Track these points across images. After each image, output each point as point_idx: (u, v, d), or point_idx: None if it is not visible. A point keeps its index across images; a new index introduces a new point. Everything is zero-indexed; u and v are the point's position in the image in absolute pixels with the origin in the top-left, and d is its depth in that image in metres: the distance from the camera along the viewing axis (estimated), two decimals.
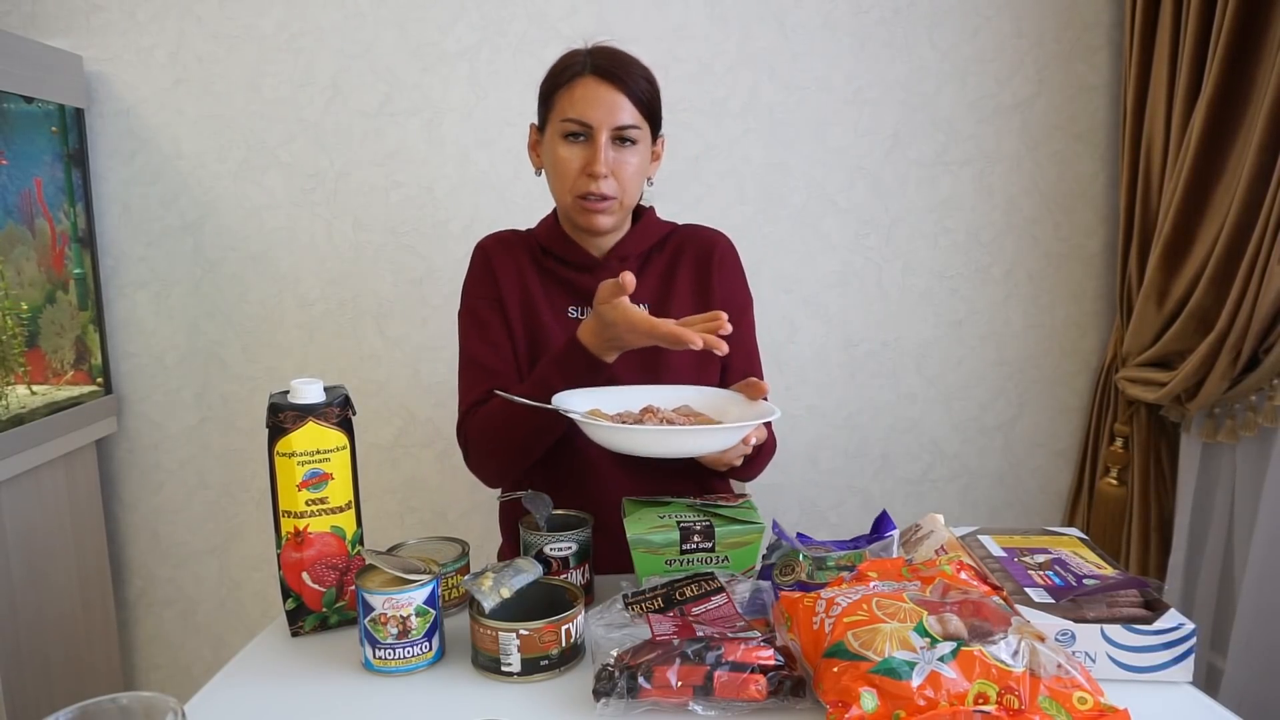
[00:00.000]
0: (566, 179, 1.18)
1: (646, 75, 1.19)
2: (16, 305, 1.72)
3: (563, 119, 1.16)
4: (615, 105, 1.14)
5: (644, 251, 1.28)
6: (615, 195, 1.17)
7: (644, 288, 1.26)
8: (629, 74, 1.16)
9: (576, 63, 1.17)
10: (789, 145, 1.92)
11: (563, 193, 1.19)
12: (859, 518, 2.04)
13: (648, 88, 1.18)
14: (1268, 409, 1.61)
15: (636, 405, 1.09)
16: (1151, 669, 0.83)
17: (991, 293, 1.98)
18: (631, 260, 1.27)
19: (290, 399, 0.95)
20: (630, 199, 1.20)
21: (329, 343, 1.97)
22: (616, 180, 1.17)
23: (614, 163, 1.16)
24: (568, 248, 1.26)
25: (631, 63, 1.18)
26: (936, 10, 1.88)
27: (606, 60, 1.16)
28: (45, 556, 1.74)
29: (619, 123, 1.15)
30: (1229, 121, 1.61)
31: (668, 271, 1.28)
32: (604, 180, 1.15)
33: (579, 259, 1.25)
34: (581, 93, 1.15)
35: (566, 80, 1.17)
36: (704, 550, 1.00)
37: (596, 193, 1.16)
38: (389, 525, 2.02)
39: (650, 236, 1.28)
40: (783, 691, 0.79)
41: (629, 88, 1.15)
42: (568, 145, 1.17)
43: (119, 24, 1.87)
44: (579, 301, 1.26)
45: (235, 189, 1.93)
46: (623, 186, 1.17)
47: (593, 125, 1.15)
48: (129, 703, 0.62)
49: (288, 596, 0.97)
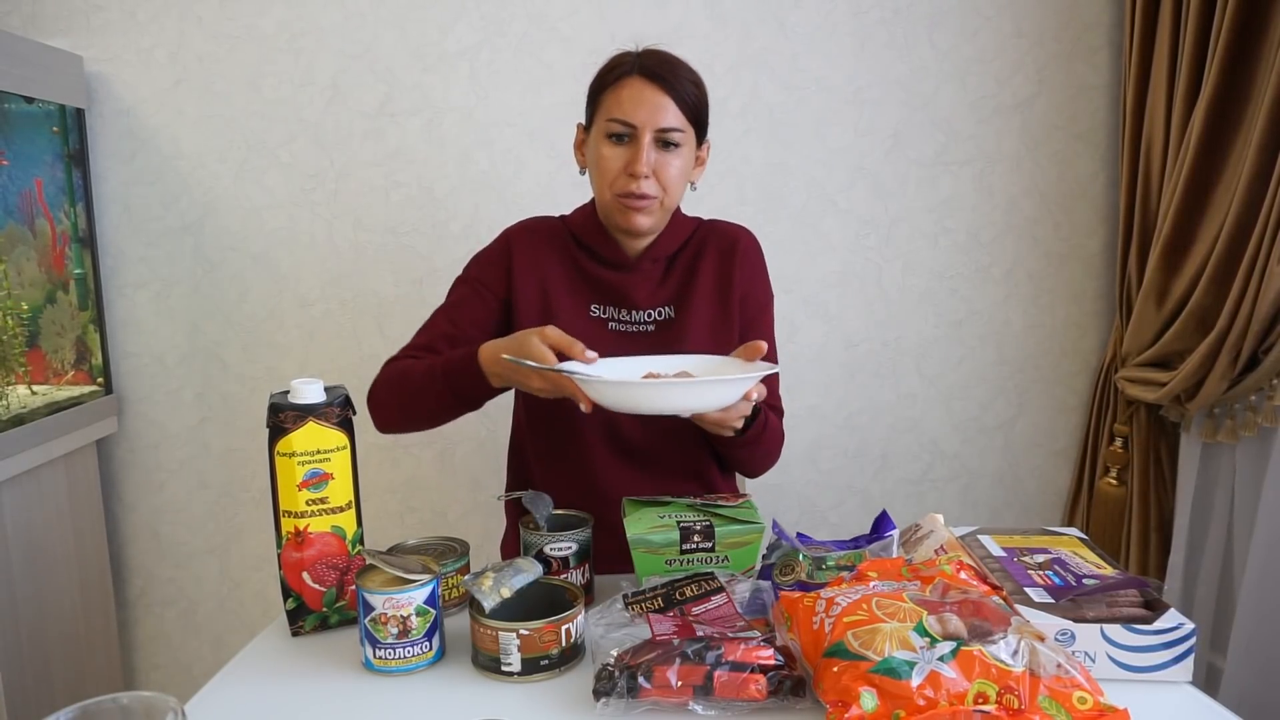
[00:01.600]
0: (607, 178, 1.17)
1: (694, 79, 1.18)
2: (17, 305, 1.72)
3: (608, 118, 1.16)
4: (660, 107, 1.14)
5: (673, 252, 1.28)
6: (656, 195, 1.17)
7: (667, 286, 1.26)
8: (676, 76, 1.16)
9: (624, 63, 1.17)
10: (789, 145, 1.92)
11: (603, 190, 1.19)
12: (859, 518, 2.04)
13: (694, 91, 1.17)
14: (1268, 409, 1.61)
15: (637, 374, 1.09)
16: (1151, 669, 0.83)
17: (991, 293, 1.98)
18: (660, 261, 1.26)
19: (290, 399, 0.95)
20: (671, 201, 1.20)
21: (329, 343, 1.97)
22: (658, 181, 1.16)
23: (656, 164, 1.16)
24: (604, 243, 1.25)
25: (680, 66, 1.18)
26: (936, 10, 1.88)
27: (654, 62, 1.16)
28: (45, 556, 1.74)
29: (662, 124, 1.15)
30: (1229, 121, 1.61)
31: (689, 268, 1.27)
32: (645, 180, 1.15)
33: (614, 257, 1.25)
34: (627, 93, 1.15)
35: (613, 80, 1.17)
36: (704, 550, 1.00)
37: (637, 192, 1.15)
38: (389, 525, 2.02)
39: (679, 236, 1.28)
40: (783, 691, 0.79)
41: (675, 90, 1.15)
42: (611, 145, 1.17)
43: (119, 24, 1.87)
44: (604, 300, 1.26)
45: (235, 189, 1.93)
46: (664, 188, 1.17)
47: (636, 126, 1.14)
48: (129, 703, 0.62)
49: (288, 596, 0.97)
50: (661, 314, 1.25)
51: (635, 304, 1.25)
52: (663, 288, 1.26)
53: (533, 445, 1.30)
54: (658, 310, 1.25)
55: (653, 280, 1.26)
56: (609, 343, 1.22)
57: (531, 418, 1.29)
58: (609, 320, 1.25)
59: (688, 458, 1.27)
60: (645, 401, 0.98)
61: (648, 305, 1.25)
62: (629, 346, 1.23)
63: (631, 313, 1.25)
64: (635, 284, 1.25)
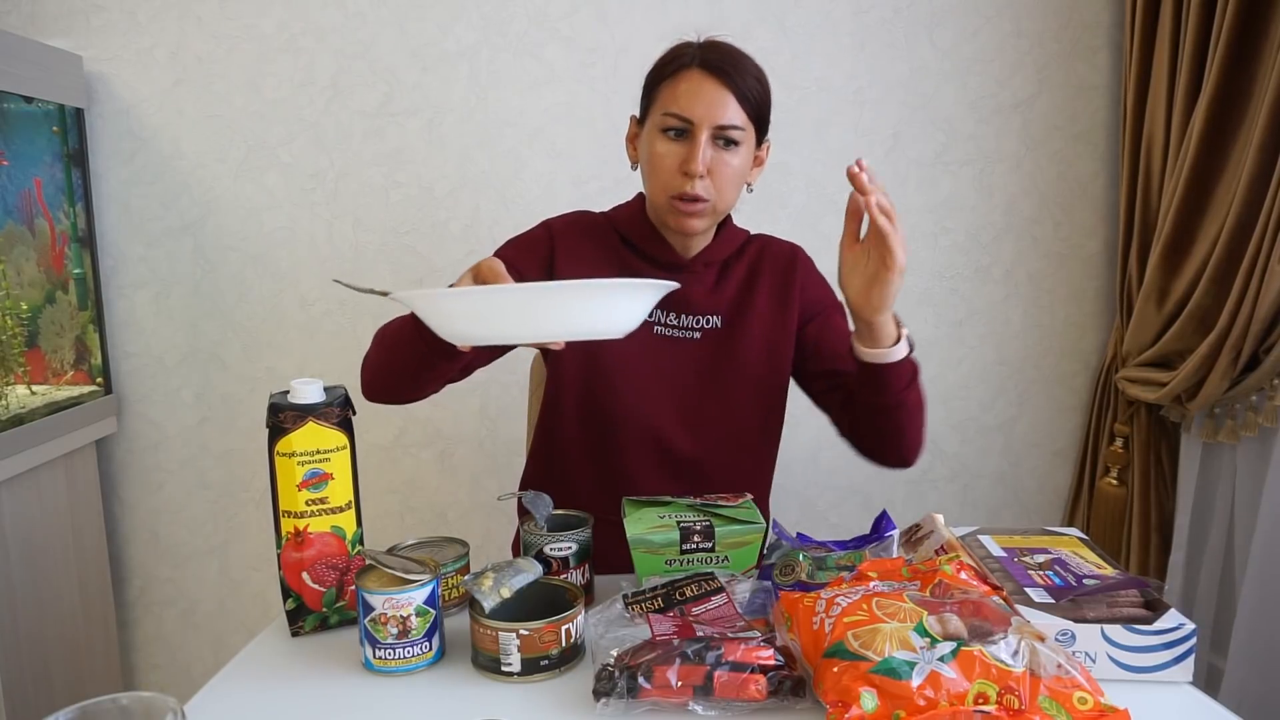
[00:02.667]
0: (661, 176, 1.11)
1: (758, 74, 1.12)
2: (16, 305, 1.72)
3: (663, 112, 1.10)
4: (719, 102, 1.08)
5: (726, 258, 1.23)
6: (710, 198, 1.11)
7: (721, 293, 1.21)
8: (738, 70, 1.09)
9: (685, 55, 1.11)
10: (789, 145, 1.92)
11: (656, 191, 1.13)
12: (859, 518, 2.04)
13: (757, 87, 1.11)
14: (1268, 409, 1.61)
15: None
16: (1151, 669, 0.83)
17: (991, 293, 1.98)
18: (714, 265, 1.21)
19: (290, 399, 0.95)
20: (725, 204, 1.14)
21: (329, 343, 1.97)
22: (713, 182, 1.10)
23: (712, 163, 1.09)
24: (656, 245, 1.19)
25: (743, 60, 1.11)
26: (936, 10, 1.88)
27: (716, 55, 1.10)
28: (45, 556, 1.74)
29: (721, 121, 1.08)
30: (1229, 121, 1.61)
31: (747, 281, 1.22)
32: (700, 180, 1.09)
33: (667, 258, 1.19)
34: (686, 86, 1.09)
35: (671, 72, 1.11)
36: (704, 550, 1.00)
37: (691, 193, 1.09)
38: (389, 525, 2.02)
39: (733, 243, 1.23)
40: (783, 691, 0.79)
41: (737, 85, 1.08)
42: (666, 141, 1.10)
43: (119, 24, 1.87)
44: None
45: (235, 189, 1.93)
46: (719, 189, 1.11)
47: (694, 121, 1.08)
48: (129, 703, 0.61)
49: (288, 596, 0.97)
50: (709, 322, 1.21)
51: (685, 308, 1.20)
52: (715, 294, 1.21)
53: (564, 431, 1.24)
54: (706, 318, 1.21)
55: (705, 285, 1.21)
56: (655, 345, 1.19)
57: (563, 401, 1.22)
58: (655, 324, 1.20)
59: (742, 472, 1.23)
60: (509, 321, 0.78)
61: (698, 311, 1.20)
62: (675, 350, 1.19)
63: (681, 317, 1.20)
64: (687, 286, 1.18)
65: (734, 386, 1.21)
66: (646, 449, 1.21)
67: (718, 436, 1.21)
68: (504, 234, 1.30)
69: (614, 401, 1.20)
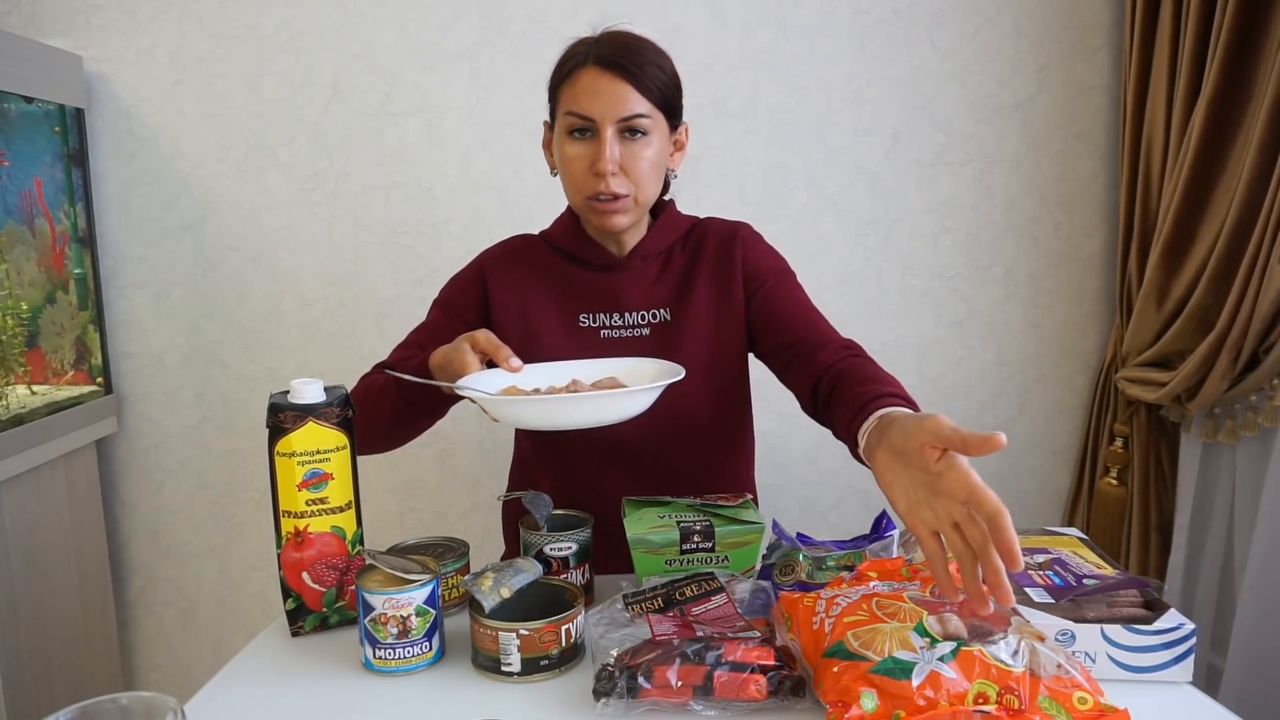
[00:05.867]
0: (575, 179, 1.11)
1: (659, 61, 1.10)
2: (16, 305, 1.72)
3: (565, 112, 1.10)
4: (619, 96, 1.07)
5: (667, 248, 1.21)
6: (628, 193, 1.10)
7: (663, 286, 1.20)
8: (634, 61, 1.08)
9: (579, 53, 1.11)
10: (789, 145, 1.92)
11: (574, 194, 1.13)
12: (859, 518, 2.04)
13: (658, 74, 1.09)
14: (1268, 409, 1.61)
15: (561, 380, 1.05)
16: (1151, 669, 0.83)
17: (991, 293, 1.98)
18: (654, 258, 1.20)
19: (290, 399, 0.95)
20: (646, 195, 1.12)
21: (329, 343, 1.97)
22: (628, 176, 1.09)
23: (623, 157, 1.09)
24: (588, 248, 1.20)
25: (639, 49, 1.10)
26: (936, 10, 1.88)
27: (610, 48, 1.09)
28: (45, 556, 1.74)
29: (623, 114, 1.07)
30: (1229, 121, 1.61)
31: (687, 268, 1.21)
32: (612, 178, 1.08)
33: (601, 259, 1.19)
34: (583, 84, 1.08)
35: (568, 72, 1.11)
36: (704, 550, 1.00)
37: (607, 192, 1.08)
38: (389, 525, 2.02)
39: (673, 232, 1.22)
40: (783, 691, 0.79)
41: (635, 76, 1.07)
42: (573, 142, 1.10)
43: (119, 24, 1.87)
44: (594, 306, 1.19)
45: (235, 189, 1.93)
46: (635, 182, 1.10)
47: (595, 119, 1.07)
48: (129, 703, 0.62)
49: (288, 596, 0.97)
50: (656, 316, 1.19)
51: (628, 305, 1.19)
52: (657, 287, 1.20)
53: (530, 446, 1.27)
54: (652, 313, 1.19)
55: (646, 279, 1.20)
56: (602, 352, 1.18)
57: None
58: (600, 328, 1.19)
59: (692, 464, 1.22)
60: (542, 417, 0.94)
61: (642, 306, 1.19)
62: (624, 353, 1.18)
63: (625, 316, 1.19)
64: (627, 283, 1.19)
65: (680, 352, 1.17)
66: (605, 457, 1.20)
67: (672, 431, 1.19)
68: (504, 233, 1.30)
69: None
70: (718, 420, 1.22)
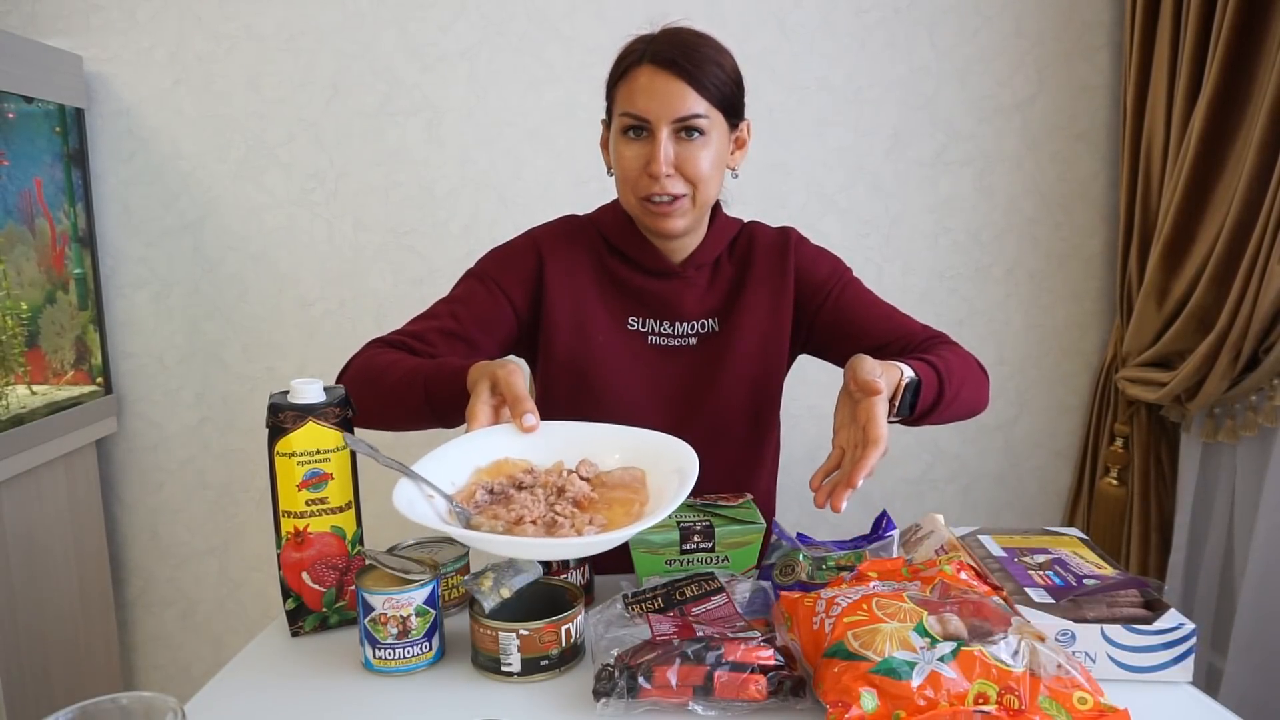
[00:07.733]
0: (629, 179, 1.08)
1: (717, 59, 1.07)
2: (16, 305, 1.72)
3: (621, 113, 1.07)
4: (675, 95, 1.04)
5: (717, 256, 1.18)
6: (684, 192, 1.07)
7: (714, 295, 1.18)
8: (692, 60, 1.04)
9: (636, 50, 1.08)
10: (789, 145, 1.92)
11: (626, 195, 1.10)
12: (859, 518, 2.03)
13: (717, 72, 1.06)
14: (1268, 409, 1.61)
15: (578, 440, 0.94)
16: (1151, 669, 0.83)
17: (991, 292, 1.98)
18: (706, 268, 1.17)
19: (290, 399, 0.95)
20: (705, 195, 1.09)
21: (329, 343, 1.97)
22: (684, 176, 1.06)
23: (679, 158, 1.05)
24: (641, 250, 1.15)
25: (697, 47, 1.06)
26: (936, 10, 1.88)
27: (667, 46, 1.06)
28: (45, 556, 1.74)
29: (680, 114, 1.04)
30: (1229, 121, 1.61)
31: (739, 277, 1.19)
32: (667, 179, 1.05)
33: (655, 264, 1.15)
34: (639, 83, 1.05)
35: (624, 70, 1.08)
36: (704, 550, 1.00)
37: (661, 193, 1.06)
38: (389, 525, 2.01)
39: (724, 239, 1.18)
40: (783, 691, 0.79)
41: (692, 75, 1.04)
42: (628, 142, 1.07)
43: (119, 24, 1.87)
44: (644, 311, 1.16)
45: (235, 189, 1.93)
46: (693, 183, 1.07)
47: (650, 119, 1.04)
48: (129, 703, 0.61)
49: (288, 596, 0.97)
50: (705, 326, 1.17)
51: (680, 315, 1.16)
52: (708, 297, 1.17)
53: None
54: (701, 323, 1.17)
55: (699, 288, 1.17)
56: (648, 359, 1.16)
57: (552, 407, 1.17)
58: (648, 334, 1.17)
59: (736, 473, 1.19)
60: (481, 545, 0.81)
61: (692, 316, 1.17)
62: (669, 362, 1.17)
63: (675, 325, 1.16)
64: (680, 292, 1.16)
65: (727, 387, 1.17)
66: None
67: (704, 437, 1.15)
68: (504, 234, 1.29)
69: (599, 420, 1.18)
70: (751, 431, 1.22)
